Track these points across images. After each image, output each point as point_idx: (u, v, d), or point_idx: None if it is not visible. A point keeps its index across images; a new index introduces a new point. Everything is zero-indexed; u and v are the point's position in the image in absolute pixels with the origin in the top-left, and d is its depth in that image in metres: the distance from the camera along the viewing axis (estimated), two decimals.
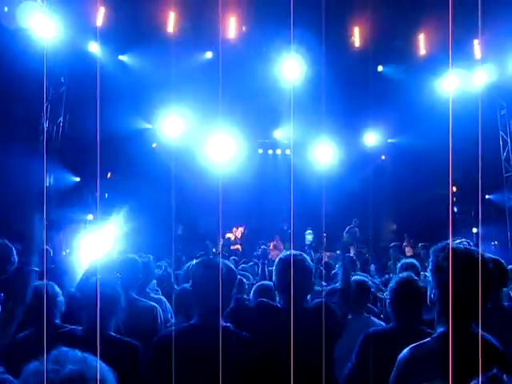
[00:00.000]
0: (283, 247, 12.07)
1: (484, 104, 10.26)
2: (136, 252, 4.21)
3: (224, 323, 2.20)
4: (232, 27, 11.11)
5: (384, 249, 10.96)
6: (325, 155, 13.17)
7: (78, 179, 11.78)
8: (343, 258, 3.09)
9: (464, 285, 1.64)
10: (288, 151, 14.03)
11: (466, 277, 1.64)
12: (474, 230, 11.76)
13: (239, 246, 12.42)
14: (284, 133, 13.60)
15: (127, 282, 3.37)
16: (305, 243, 9.52)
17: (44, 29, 9.04)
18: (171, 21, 10.98)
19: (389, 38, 11.35)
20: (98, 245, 4.14)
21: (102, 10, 10.48)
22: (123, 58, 11.62)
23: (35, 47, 8.58)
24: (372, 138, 13.95)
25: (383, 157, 14.70)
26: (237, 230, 12.85)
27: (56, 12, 9.47)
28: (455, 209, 13.33)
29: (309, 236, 8.20)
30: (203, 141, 12.93)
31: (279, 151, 14.56)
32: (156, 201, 10.62)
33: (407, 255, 11.14)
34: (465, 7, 7.53)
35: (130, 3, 10.67)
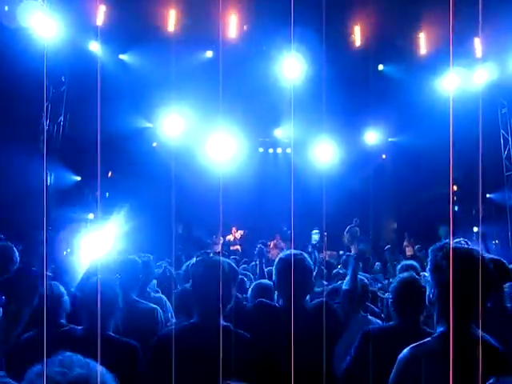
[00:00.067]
0: (284, 246, 12.07)
1: (485, 102, 10.25)
2: (136, 251, 4.21)
3: (224, 323, 2.20)
4: (232, 26, 11.10)
5: (384, 248, 10.94)
6: (325, 154, 13.16)
7: (79, 178, 11.79)
8: (353, 260, 3.07)
9: (463, 284, 1.63)
10: (289, 150, 14.02)
11: (465, 276, 1.63)
12: (475, 229, 11.75)
13: (238, 247, 12.42)
14: (285, 132, 13.58)
15: (127, 284, 3.35)
16: (310, 242, 9.50)
17: (44, 28, 9.03)
18: (172, 20, 10.97)
19: (389, 37, 11.34)
20: (99, 244, 4.14)
21: (103, 9, 10.48)
22: (124, 57, 11.61)
23: (36, 46, 8.58)
24: (373, 137, 13.94)
25: (384, 156, 14.69)
26: (236, 231, 12.86)
27: (56, 11, 9.46)
28: (456, 208, 13.31)
29: (315, 236, 8.18)
30: (204, 140, 12.92)
31: (280, 150, 14.55)
32: (156, 200, 10.61)
33: (407, 255, 11.13)
34: (465, 5, 7.52)
35: (131, 2, 10.66)
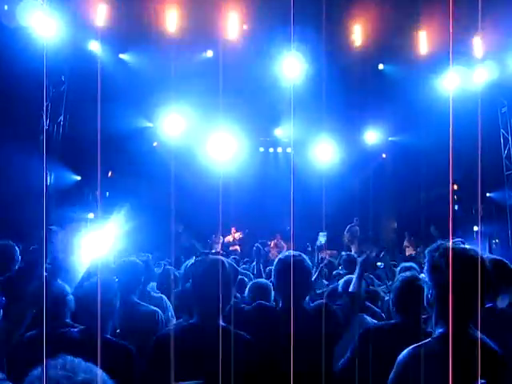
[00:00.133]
0: (285, 246, 12.06)
1: (485, 102, 10.23)
2: (136, 251, 4.21)
3: (224, 323, 2.20)
4: (233, 26, 11.08)
5: (384, 248, 10.94)
6: (325, 153, 13.17)
7: (79, 178, 11.78)
8: (360, 264, 3.06)
9: (461, 284, 1.62)
10: (289, 149, 14.01)
11: (463, 276, 1.62)
12: (475, 228, 11.75)
13: (238, 247, 12.41)
14: (285, 131, 13.57)
15: (128, 286, 3.35)
16: (315, 244, 9.50)
17: (44, 27, 9.01)
18: (172, 19, 10.95)
19: (389, 36, 11.32)
20: (99, 244, 4.14)
21: (103, 9, 10.47)
22: (124, 57, 11.59)
23: (35, 46, 8.57)
24: (373, 137, 13.93)
25: (384, 155, 14.68)
26: (235, 232, 12.85)
27: (56, 10, 9.45)
28: (456, 207, 13.30)
29: (322, 238, 8.16)
30: (204, 139, 12.92)
31: (280, 149, 14.55)
32: (156, 199, 10.61)
33: (407, 254, 11.12)
34: (465, 5, 7.51)
35: (131, 1, 10.65)
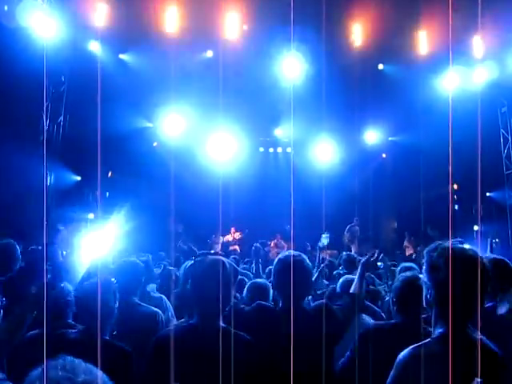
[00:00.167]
0: (285, 246, 12.05)
1: (485, 102, 10.23)
2: (136, 251, 4.20)
3: (223, 324, 2.19)
4: (233, 25, 11.08)
5: (384, 248, 10.94)
6: (325, 153, 13.17)
7: (79, 178, 11.79)
8: (361, 265, 3.05)
9: (459, 284, 1.61)
10: (289, 149, 14.01)
11: (461, 276, 1.62)
12: (475, 228, 11.75)
13: (237, 247, 12.40)
14: (285, 131, 13.57)
15: (128, 287, 3.34)
16: (317, 244, 9.50)
17: (44, 27, 9.00)
18: (172, 19, 10.94)
19: (389, 36, 11.31)
20: (99, 244, 4.14)
21: (103, 9, 10.47)
22: (124, 57, 11.59)
23: (35, 46, 8.56)
24: (373, 136, 13.92)
25: (384, 155, 14.68)
26: (235, 232, 12.85)
27: (56, 10, 9.45)
28: (456, 207, 13.30)
29: (324, 240, 8.17)
30: (204, 139, 12.92)
31: (280, 149, 14.55)
32: (157, 200, 10.61)
33: (407, 255, 11.11)
34: (465, 4, 7.52)
35: (131, 1, 10.65)
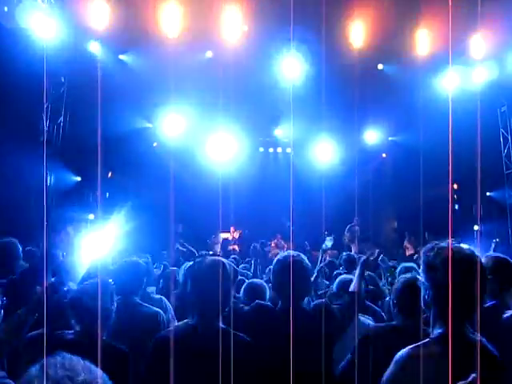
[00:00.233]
0: (285, 245, 12.04)
1: (484, 101, 10.23)
2: (136, 251, 4.20)
3: (222, 324, 2.19)
4: (232, 26, 11.07)
5: (384, 248, 10.94)
6: (325, 153, 13.17)
7: (79, 179, 11.79)
8: (361, 264, 3.09)
9: (457, 283, 1.60)
10: (289, 150, 14.01)
11: (459, 275, 1.61)
12: (476, 228, 11.76)
13: (236, 247, 12.40)
14: (285, 131, 13.57)
15: (130, 287, 3.34)
16: (321, 247, 9.53)
17: (44, 28, 9.01)
18: (171, 20, 10.93)
19: (389, 36, 11.30)
20: (99, 244, 4.14)
21: (102, 9, 10.46)
22: (124, 58, 11.59)
23: (35, 47, 8.57)
24: (373, 136, 13.93)
25: (384, 155, 14.68)
26: (235, 231, 12.84)
27: (56, 11, 9.45)
28: (456, 206, 13.30)
29: (328, 242, 8.20)
30: (204, 140, 12.92)
31: (280, 150, 14.55)
32: (156, 200, 10.62)
33: (408, 255, 11.08)
34: (465, 4, 7.52)
35: (130, 2, 10.64)
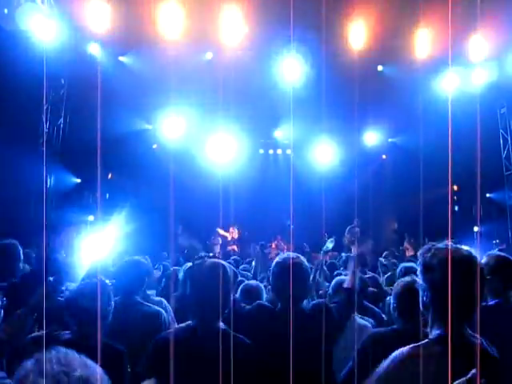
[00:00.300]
0: (285, 247, 12.03)
1: (484, 103, 10.23)
2: (136, 253, 4.20)
3: (222, 326, 2.19)
4: (233, 27, 11.07)
5: (384, 249, 10.93)
6: (325, 155, 13.18)
7: (79, 180, 11.80)
8: (353, 259, 3.12)
9: (454, 284, 1.59)
10: (289, 151, 14.02)
11: (456, 275, 1.60)
12: (475, 229, 11.76)
13: (235, 247, 12.39)
14: (285, 133, 13.58)
15: (132, 286, 3.33)
16: (322, 249, 9.54)
17: (44, 30, 9.02)
18: (171, 21, 10.94)
19: (389, 38, 11.31)
20: (99, 246, 4.14)
21: (102, 11, 10.47)
22: (123, 59, 11.59)
23: (35, 49, 8.58)
24: (373, 138, 13.93)
25: (384, 156, 14.68)
26: (234, 231, 12.82)
27: (56, 13, 9.46)
28: (456, 208, 13.30)
29: (330, 244, 8.20)
30: (204, 141, 12.93)
31: (280, 151, 14.56)
32: (156, 201, 10.62)
33: (407, 256, 11.07)
34: (465, 6, 7.52)
35: (130, 3, 10.65)
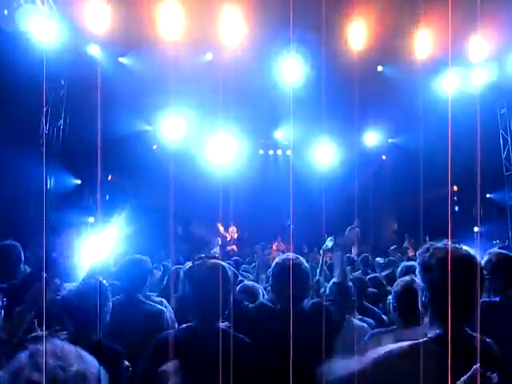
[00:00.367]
0: (285, 248, 12.03)
1: (484, 103, 10.23)
2: (135, 254, 4.19)
3: (222, 326, 2.19)
4: (232, 28, 11.07)
5: (384, 249, 10.93)
6: (325, 155, 13.18)
7: (79, 182, 11.80)
8: (338, 252, 3.18)
9: (453, 283, 1.59)
10: (289, 152, 14.02)
11: (455, 275, 1.60)
12: (476, 229, 11.75)
13: (234, 247, 12.39)
14: (285, 133, 13.58)
15: (134, 284, 3.34)
16: (322, 248, 9.58)
17: (44, 31, 9.03)
18: (171, 22, 10.94)
19: (389, 38, 11.31)
20: (99, 247, 4.14)
21: (102, 12, 10.47)
22: (123, 60, 11.60)
23: (35, 50, 8.59)
24: (373, 138, 13.94)
25: (384, 157, 14.69)
26: (233, 231, 12.82)
27: (56, 14, 9.47)
28: (456, 208, 13.29)
29: (329, 243, 8.24)
30: (204, 142, 12.93)
31: (280, 152, 14.57)
32: (156, 202, 10.62)
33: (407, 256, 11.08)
34: (465, 6, 7.52)
35: (130, 5, 10.66)
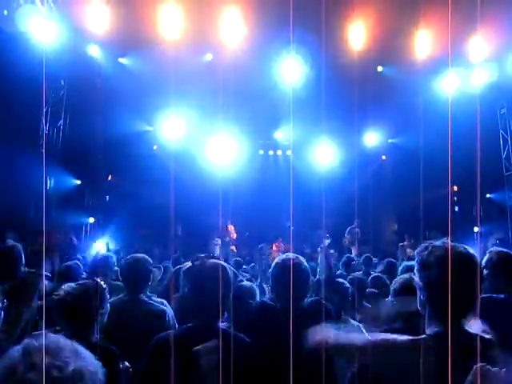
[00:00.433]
0: (286, 248, 12.02)
1: (484, 103, 10.23)
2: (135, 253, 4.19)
3: (222, 326, 2.19)
4: (232, 29, 11.08)
5: (384, 249, 10.94)
6: (325, 156, 13.18)
7: (79, 182, 11.80)
8: (324, 247, 3.24)
9: (451, 281, 1.59)
10: (289, 152, 14.03)
11: (453, 273, 1.60)
12: (476, 229, 11.75)
13: (233, 247, 12.39)
14: (285, 134, 13.59)
15: (136, 284, 3.33)
16: (319, 247, 9.57)
17: (43, 32, 9.03)
18: (171, 23, 10.95)
19: (389, 39, 11.31)
20: (100, 247, 4.16)
21: (102, 13, 10.48)
22: (123, 61, 11.59)
23: (34, 50, 8.59)
24: (372, 139, 13.94)
25: (384, 157, 14.69)
26: (233, 232, 12.81)
27: (55, 15, 9.47)
28: (456, 208, 13.30)
29: (326, 241, 8.26)
30: (204, 142, 12.93)
31: (280, 152, 14.57)
32: (157, 203, 10.62)
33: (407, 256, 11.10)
34: (465, 6, 7.52)
35: (130, 5, 10.67)
